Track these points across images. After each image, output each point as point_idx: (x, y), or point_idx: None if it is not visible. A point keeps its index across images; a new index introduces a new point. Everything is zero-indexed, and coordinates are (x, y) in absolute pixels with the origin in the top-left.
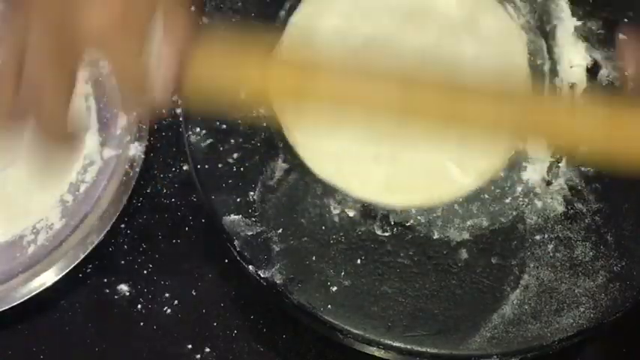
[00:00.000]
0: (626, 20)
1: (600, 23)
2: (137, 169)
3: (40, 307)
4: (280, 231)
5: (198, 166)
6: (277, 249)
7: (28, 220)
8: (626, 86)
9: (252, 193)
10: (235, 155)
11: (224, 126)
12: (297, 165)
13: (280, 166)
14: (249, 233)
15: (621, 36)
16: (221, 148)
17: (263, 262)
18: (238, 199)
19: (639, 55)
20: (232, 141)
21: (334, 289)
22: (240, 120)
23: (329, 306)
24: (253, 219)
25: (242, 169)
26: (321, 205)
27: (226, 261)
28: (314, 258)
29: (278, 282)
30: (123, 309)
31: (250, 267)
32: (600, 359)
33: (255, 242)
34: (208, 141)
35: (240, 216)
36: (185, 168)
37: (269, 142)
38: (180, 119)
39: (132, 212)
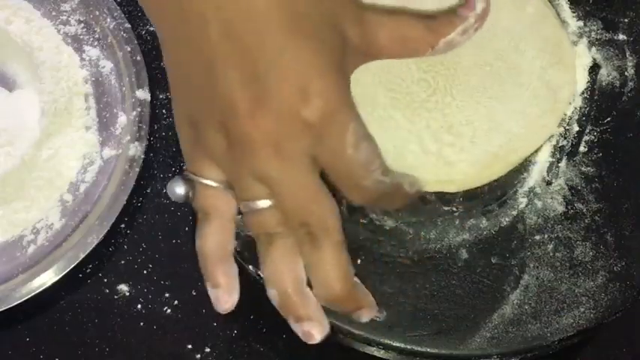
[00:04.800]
0: (626, 20)
1: (600, 23)
2: (137, 169)
3: (40, 307)
4: None
5: None
6: None
7: (28, 220)
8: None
9: None
10: None
11: None
12: None
13: None
14: (249, 233)
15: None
16: None
17: None
18: None
19: None
20: None
21: None
22: None
23: None
24: None
25: None
26: None
27: None
28: None
29: None
30: (123, 309)
31: (250, 267)
32: (600, 359)
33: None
34: None
35: (240, 216)
36: (185, 168)
37: None
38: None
39: (132, 212)
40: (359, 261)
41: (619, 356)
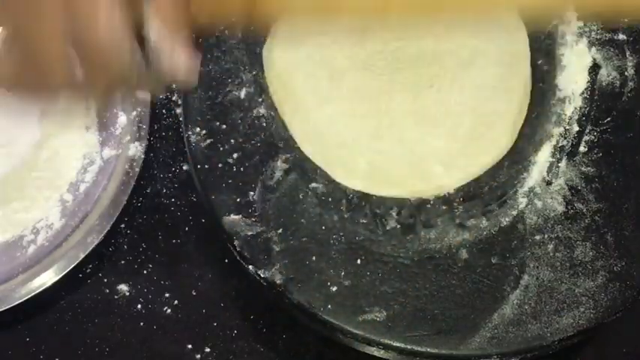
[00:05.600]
0: (626, 20)
1: (600, 23)
2: (137, 169)
3: (40, 307)
4: (280, 231)
5: (198, 166)
6: (277, 249)
7: (28, 220)
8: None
9: (252, 193)
10: (235, 155)
11: (224, 126)
12: (296, 165)
13: (280, 166)
14: (249, 233)
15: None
16: (221, 148)
17: (263, 262)
18: (238, 199)
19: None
20: (232, 141)
21: (334, 289)
22: (239, 120)
23: (329, 306)
24: (253, 219)
25: (242, 169)
26: (321, 205)
27: (226, 261)
28: (314, 258)
29: (278, 282)
30: (123, 309)
31: (250, 267)
32: (600, 359)
33: (255, 242)
34: (208, 141)
35: (240, 216)
36: (185, 168)
37: (269, 142)
38: (180, 119)
39: (132, 212)
40: (359, 261)
41: (619, 356)
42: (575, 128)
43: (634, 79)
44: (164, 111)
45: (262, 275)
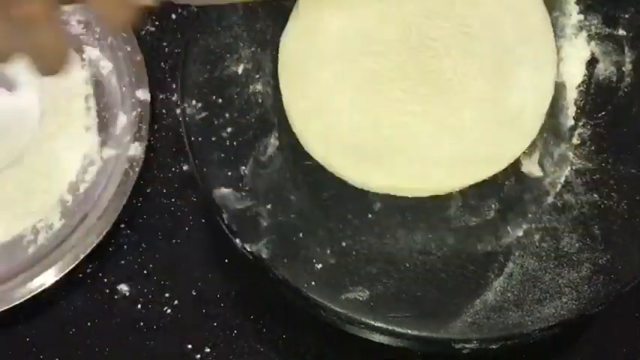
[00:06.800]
0: (626, 16)
1: (600, 18)
2: (137, 169)
3: (40, 307)
4: (269, 206)
5: (192, 138)
6: (265, 224)
7: (28, 220)
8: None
9: (243, 167)
10: (229, 129)
11: (220, 100)
12: (289, 142)
13: (273, 142)
14: (239, 207)
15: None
16: (215, 122)
17: (250, 236)
18: (230, 173)
19: None
20: (227, 115)
21: (319, 266)
22: (236, 95)
23: (313, 282)
24: (243, 193)
25: (235, 143)
26: (311, 183)
27: (226, 261)
28: (301, 235)
29: (264, 257)
30: (123, 309)
31: (237, 240)
32: (592, 357)
33: (243, 216)
34: (203, 114)
35: (231, 189)
36: (185, 168)
37: (263, 118)
38: (180, 119)
39: (132, 212)
40: (344, 244)
41: (619, 356)
42: (570, 121)
43: (631, 75)
44: (164, 111)
45: (249, 249)
